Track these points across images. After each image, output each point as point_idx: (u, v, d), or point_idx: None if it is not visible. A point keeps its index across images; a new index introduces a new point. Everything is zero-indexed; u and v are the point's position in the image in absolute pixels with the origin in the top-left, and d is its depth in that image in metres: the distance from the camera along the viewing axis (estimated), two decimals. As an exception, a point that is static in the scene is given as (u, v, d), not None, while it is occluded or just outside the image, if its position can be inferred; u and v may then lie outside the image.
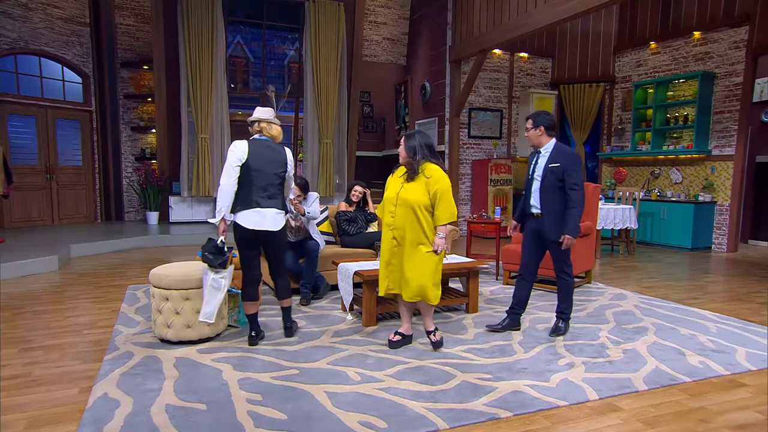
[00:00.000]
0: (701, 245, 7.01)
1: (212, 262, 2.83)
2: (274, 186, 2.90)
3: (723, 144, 6.94)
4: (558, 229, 3.04)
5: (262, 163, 2.84)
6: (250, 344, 2.98)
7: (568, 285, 3.22)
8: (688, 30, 7.24)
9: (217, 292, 2.85)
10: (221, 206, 2.82)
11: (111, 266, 5.44)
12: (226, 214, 2.84)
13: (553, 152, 3.10)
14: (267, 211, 2.86)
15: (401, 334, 3.00)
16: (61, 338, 3.12)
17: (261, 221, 2.86)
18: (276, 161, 2.91)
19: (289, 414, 2.15)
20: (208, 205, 8.60)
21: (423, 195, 2.72)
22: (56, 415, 2.15)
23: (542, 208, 3.12)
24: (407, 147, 2.81)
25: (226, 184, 2.80)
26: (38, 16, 7.55)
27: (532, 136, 3.16)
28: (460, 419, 2.12)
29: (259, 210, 2.84)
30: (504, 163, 8.21)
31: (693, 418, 2.17)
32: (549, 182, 3.06)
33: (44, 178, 7.81)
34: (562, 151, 3.10)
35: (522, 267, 3.32)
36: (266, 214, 2.86)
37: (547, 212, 3.09)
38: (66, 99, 8.05)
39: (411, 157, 2.80)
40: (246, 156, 2.81)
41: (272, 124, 2.96)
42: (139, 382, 2.45)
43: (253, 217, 2.84)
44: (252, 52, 10.49)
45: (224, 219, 2.85)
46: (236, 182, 2.81)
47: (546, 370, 2.66)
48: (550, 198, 3.07)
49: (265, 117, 2.94)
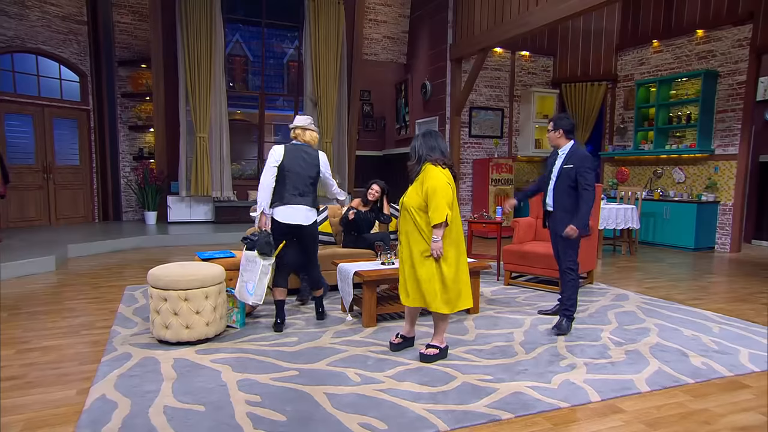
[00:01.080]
0: (704, 245, 6.98)
1: (266, 251, 3.18)
2: (306, 186, 3.27)
3: (726, 143, 6.91)
4: (567, 225, 3.23)
5: (295, 165, 3.22)
6: (275, 330, 3.26)
7: (572, 282, 3.34)
8: (691, 28, 7.21)
9: (265, 276, 3.23)
10: (260, 201, 3.20)
11: (109, 266, 5.42)
12: (266, 208, 3.21)
13: (568, 154, 3.31)
14: (299, 207, 3.23)
15: (403, 337, 2.97)
16: (59, 339, 3.11)
17: (293, 215, 3.22)
18: (309, 162, 3.28)
19: (288, 415, 2.13)
20: (206, 205, 8.58)
21: (417, 196, 2.70)
22: (53, 417, 2.13)
23: (554, 205, 3.34)
24: (410, 149, 2.83)
25: (264, 181, 3.19)
26: (35, 14, 7.52)
27: (552, 138, 3.39)
28: (460, 421, 2.10)
29: (291, 206, 3.22)
30: (505, 163, 8.18)
31: (696, 420, 2.16)
32: (562, 182, 3.30)
33: (41, 177, 7.78)
34: (577, 153, 3.30)
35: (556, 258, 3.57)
36: (298, 210, 3.23)
37: (558, 209, 3.34)
38: (63, 98, 8.02)
39: (413, 159, 2.79)
40: (282, 158, 3.21)
41: (306, 130, 3.34)
42: (137, 383, 2.43)
43: (286, 212, 3.22)
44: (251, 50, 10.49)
45: (264, 212, 3.21)
46: (273, 180, 3.20)
47: (547, 371, 2.65)
48: (562, 197, 3.31)
49: (300, 124, 3.34)
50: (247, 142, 11.34)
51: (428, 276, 2.67)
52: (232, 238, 7.03)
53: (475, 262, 3.80)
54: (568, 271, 3.34)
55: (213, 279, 3.04)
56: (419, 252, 2.69)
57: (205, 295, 2.98)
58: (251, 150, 10.76)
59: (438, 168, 2.68)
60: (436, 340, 2.82)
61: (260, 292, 3.20)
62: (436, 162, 2.70)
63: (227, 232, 7.26)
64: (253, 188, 9.05)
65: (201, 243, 6.94)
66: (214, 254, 3.59)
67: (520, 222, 4.89)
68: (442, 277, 2.67)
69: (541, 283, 4.64)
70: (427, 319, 3.36)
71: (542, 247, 4.44)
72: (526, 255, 4.49)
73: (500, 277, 4.96)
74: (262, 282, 3.18)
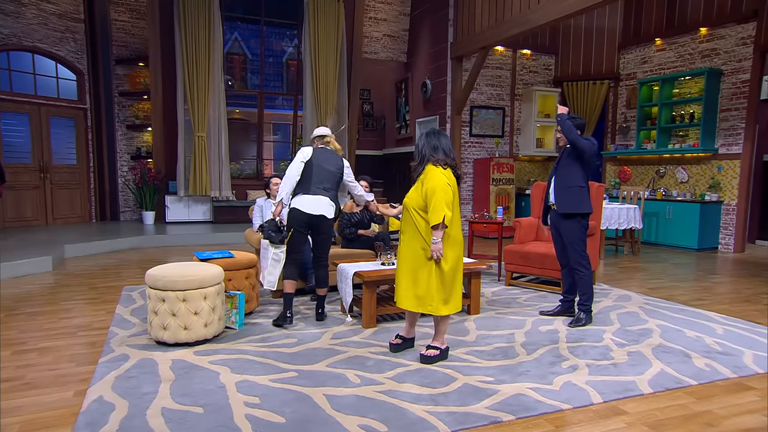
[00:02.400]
0: (707, 245, 6.94)
1: (274, 239, 3.32)
2: (330, 182, 3.39)
3: (730, 142, 6.87)
4: (566, 202, 3.33)
5: (323, 161, 3.38)
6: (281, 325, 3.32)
7: (585, 277, 3.40)
8: (694, 26, 7.17)
9: (278, 263, 3.41)
10: (282, 191, 3.32)
11: (106, 267, 5.39)
12: (285, 198, 3.33)
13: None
14: (322, 198, 3.32)
15: (402, 338, 2.95)
16: (56, 340, 3.08)
17: (316, 206, 3.30)
18: (335, 164, 3.44)
19: (287, 417, 2.11)
20: (205, 205, 8.55)
21: (417, 196, 2.68)
22: (50, 419, 2.12)
23: (555, 191, 3.36)
24: (414, 148, 2.85)
25: (289, 173, 3.31)
26: (31, 12, 7.49)
27: (561, 138, 3.42)
28: (461, 423, 2.08)
29: (315, 197, 3.31)
30: (506, 162, 8.14)
31: (699, 422, 2.14)
32: (564, 161, 3.35)
33: (38, 177, 7.75)
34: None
35: (558, 257, 3.61)
36: (321, 201, 3.32)
37: (559, 190, 3.37)
38: (60, 96, 7.98)
39: (416, 159, 2.78)
40: (310, 156, 3.36)
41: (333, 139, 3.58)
42: (134, 385, 2.42)
43: (309, 201, 3.30)
44: (250, 48, 10.45)
45: (282, 202, 3.32)
46: (299, 174, 3.32)
47: (549, 372, 2.63)
48: (562, 178, 3.35)
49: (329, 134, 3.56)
50: (246, 142, 11.31)
51: (425, 277, 2.65)
52: (230, 238, 7.00)
53: (473, 263, 3.78)
54: (579, 267, 3.35)
55: (211, 280, 3.02)
56: (417, 252, 2.67)
57: (203, 295, 2.95)
58: (250, 149, 10.74)
59: (439, 168, 2.67)
60: (436, 341, 2.80)
61: (272, 279, 3.43)
62: (437, 162, 2.69)
63: (226, 232, 7.24)
64: (251, 188, 9.02)
65: (199, 243, 6.91)
66: (213, 254, 3.57)
67: (522, 222, 4.86)
68: (442, 278, 2.65)
69: (542, 283, 4.62)
70: (428, 320, 3.34)
71: (544, 247, 4.41)
72: (527, 255, 4.46)
73: (501, 278, 4.93)
74: (274, 269, 3.41)
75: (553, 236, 3.57)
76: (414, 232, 2.69)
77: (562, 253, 3.56)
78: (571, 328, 3.36)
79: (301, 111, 9.11)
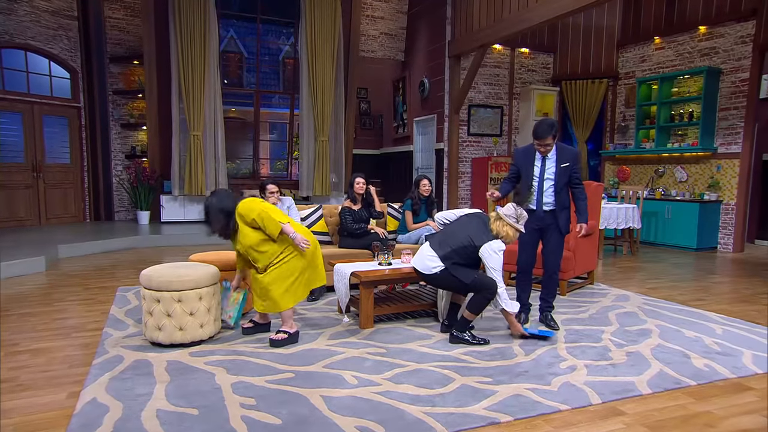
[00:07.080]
0: (706, 245, 6.94)
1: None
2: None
3: (729, 141, 6.87)
4: (566, 221, 3.33)
5: None
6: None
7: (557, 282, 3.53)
8: (693, 24, 7.17)
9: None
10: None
11: (100, 267, 5.35)
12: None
13: (558, 153, 3.27)
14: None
15: (254, 322, 3.23)
16: (49, 341, 3.05)
17: None
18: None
19: (283, 419, 2.10)
20: (200, 204, 8.48)
21: (251, 233, 2.96)
22: (43, 421, 2.10)
23: (556, 205, 3.30)
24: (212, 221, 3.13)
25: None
26: (24, 9, 7.41)
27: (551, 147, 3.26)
28: (459, 424, 2.07)
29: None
30: (504, 162, 8.13)
31: (698, 423, 2.14)
32: (562, 181, 3.27)
33: (31, 176, 7.67)
34: (566, 150, 3.28)
35: (523, 264, 3.43)
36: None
37: (560, 208, 3.30)
38: (53, 95, 7.90)
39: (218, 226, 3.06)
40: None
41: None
42: (129, 386, 2.39)
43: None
44: (246, 46, 10.38)
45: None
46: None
47: (547, 373, 2.61)
48: (561, 196, 3.29)
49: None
50: (242, 140, 11.26)
51: (271, 279, 2.91)
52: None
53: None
54: (557, 271, 3.44)
55: (207, 280, 3.00)
56: (265, 267, 2.95)
57: (198, 296, 2.93)
58: (246, 148, 10.69)
59: (242, 204, 3.02)
60: (285, 326, 3.03)
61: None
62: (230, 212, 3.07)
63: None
64: (249, 187, 8.96)
65: (194, 243, 6.86)
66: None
67: (519, 221, 4.83)
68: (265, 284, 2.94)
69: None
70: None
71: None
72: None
73: (499, 277, 4.91)
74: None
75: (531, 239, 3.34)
76: (263, 259, 2.95)
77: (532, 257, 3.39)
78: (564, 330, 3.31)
79: (297, 110, 9.06)
